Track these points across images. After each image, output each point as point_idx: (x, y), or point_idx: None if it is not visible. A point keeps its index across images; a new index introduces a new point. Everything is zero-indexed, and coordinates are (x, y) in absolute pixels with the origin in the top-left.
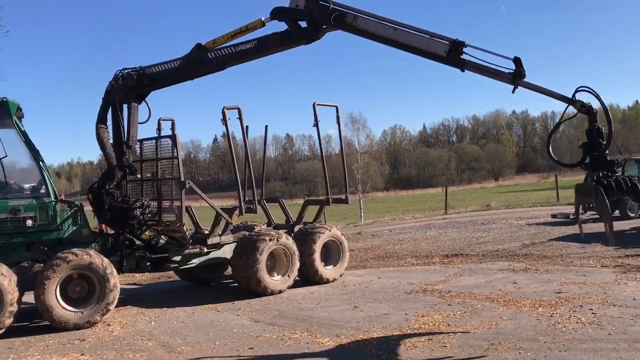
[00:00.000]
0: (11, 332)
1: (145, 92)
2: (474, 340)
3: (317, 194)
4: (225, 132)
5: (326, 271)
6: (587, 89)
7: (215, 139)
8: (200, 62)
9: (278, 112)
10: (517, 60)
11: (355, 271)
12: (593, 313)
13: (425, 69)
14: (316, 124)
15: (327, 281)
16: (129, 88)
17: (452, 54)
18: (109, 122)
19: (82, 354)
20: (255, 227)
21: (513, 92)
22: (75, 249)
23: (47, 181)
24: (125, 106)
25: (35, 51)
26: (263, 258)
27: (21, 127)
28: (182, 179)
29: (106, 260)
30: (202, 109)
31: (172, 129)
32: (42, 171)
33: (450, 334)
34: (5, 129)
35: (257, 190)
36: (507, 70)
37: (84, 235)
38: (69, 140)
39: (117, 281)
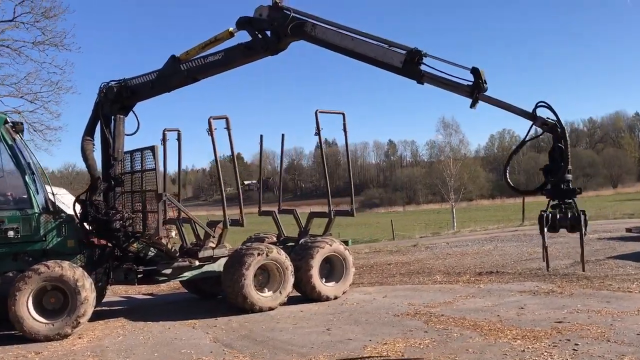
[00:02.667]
0: None
1: (128, 104)
2: None
3: (418, 201)
4: (212, 142)
5: (326, 288)
6: (545, 104)
7: (318, 146)
8: (173, 74)
9: (380, 117)
10: (475, 72)
11: (367, 288)
12: (574, 349)
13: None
14: (318, 133)
15: (327, 298)
16: (111, 100)
17: (409, 64)
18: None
19: None
20: (266, 238)
21: (471, 106)
22: (49, 261)
23: (31, 194)
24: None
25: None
26: (250, 273)
27: (8, 140)
28: (160, 191)
29: (78, 273)
30: (300, 117)
31: (179, 139)
32: (27, 184)
33: None
34: None
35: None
36: (466, 83)
37: (69, 247)
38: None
39: (88, 294)
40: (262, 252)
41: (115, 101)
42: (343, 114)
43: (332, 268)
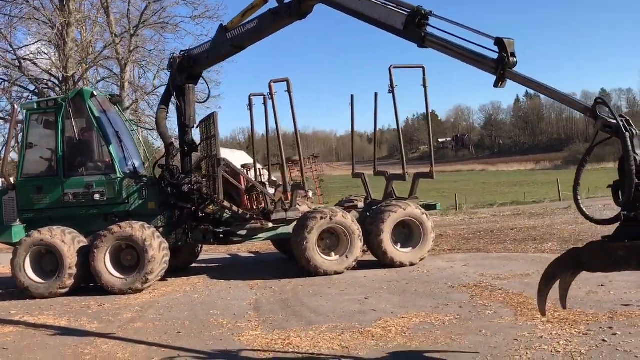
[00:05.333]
0: (79, 291)
1: (194, 73)
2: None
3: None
4: (272, 106)
5: (399, 254)
6: (601, 101)
7: (517, 99)
8: (222, 43)
9: (589, 63)
10: (499, 43)
11: (456, 255)
12: (604, 340)
13: None
14: (392, 90)
15: (402, 265)
16: (177, 71)
17: (410, 26)
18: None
19: (66, 317)
20: (355, 201)
21: (495, 85)
22: (123, 222)
23: (114, 160)
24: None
25: None
26: (312, 237)
27: (95, 112)
28: (218, 156)
29: (147, 233)
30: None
31: (265, 104)
32: (110, 151)
33: (381, 344)
34: (83, 115)
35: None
36: (489, 55)
37: (150, 209)
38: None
39: (156, 253)
40: (325, 216)
41: (181, 71)
42: (423, 68)
43: (410, 233)
